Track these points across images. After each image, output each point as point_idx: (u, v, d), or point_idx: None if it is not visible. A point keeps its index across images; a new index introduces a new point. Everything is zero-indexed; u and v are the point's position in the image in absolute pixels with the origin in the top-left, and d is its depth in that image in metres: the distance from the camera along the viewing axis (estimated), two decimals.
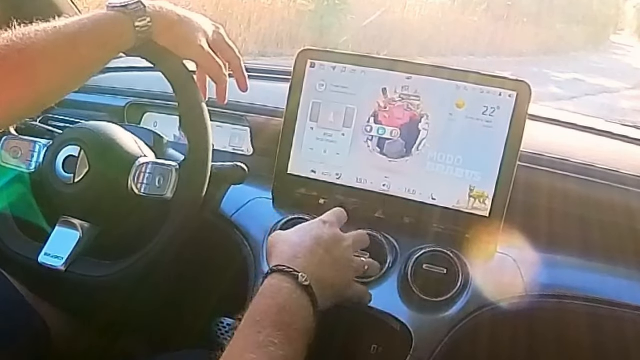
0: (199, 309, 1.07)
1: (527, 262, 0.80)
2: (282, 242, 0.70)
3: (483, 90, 0.81)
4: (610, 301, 0.78)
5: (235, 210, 0.90)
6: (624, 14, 20.65)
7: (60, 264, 0.84)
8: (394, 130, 0.84)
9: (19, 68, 0.68)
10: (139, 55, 0.79)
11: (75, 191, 0.84)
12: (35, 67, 0.69)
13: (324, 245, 0.69)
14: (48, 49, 0.69)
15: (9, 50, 0.67)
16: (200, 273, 1.04)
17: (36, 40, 0.68)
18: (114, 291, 0.90)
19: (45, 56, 0.68)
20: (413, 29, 9.53)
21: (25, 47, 0.68)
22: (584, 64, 11.84)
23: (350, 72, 0.86)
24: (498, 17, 12.23)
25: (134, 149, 0.87)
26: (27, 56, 0.68)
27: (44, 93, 0.73)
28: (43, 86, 0.71)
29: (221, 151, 1.00)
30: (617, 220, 0.84)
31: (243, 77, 0.85)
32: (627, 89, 9.31)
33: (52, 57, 0.70)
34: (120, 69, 1.18)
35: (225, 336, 1.06)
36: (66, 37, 0.71)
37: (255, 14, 7.47)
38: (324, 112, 0.87)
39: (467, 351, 0.80)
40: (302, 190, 0.88)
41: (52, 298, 0.96)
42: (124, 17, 0.73)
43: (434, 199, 0.83)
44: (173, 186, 0.81)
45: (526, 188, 0.84)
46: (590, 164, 0.87)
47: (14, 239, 0.90)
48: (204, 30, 0.80)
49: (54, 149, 0.87)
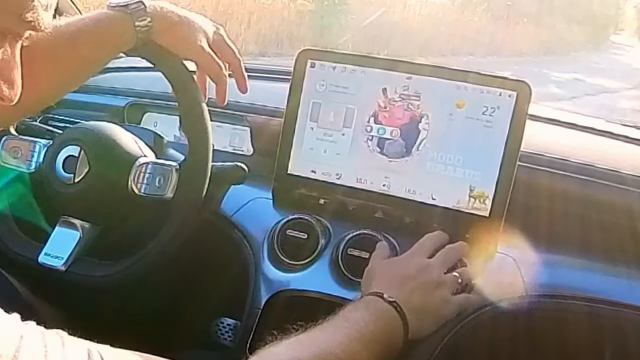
0: (199, 309, 1.06)
1: (527, 262, 0.80)
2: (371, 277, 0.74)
3: (483, 90, 0.81)
4: (610, 301, 0.78)
5: (235, 210, 0.90)
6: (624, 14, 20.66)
7: (60, 264, 0.84)
8: (394, 130, 0.84)
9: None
10: (139, 55, 0.79)
11: (75, 191, 0.84)
12: (35, 66, 0.69)
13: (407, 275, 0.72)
14: (48, 48, 0.69)
15: None
16: (200, 273, 1.03)
17: (36, 39, 0.68)
18: (114, 291, 0.90)
19: (45, 55, 0.68)
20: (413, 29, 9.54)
21: (26, 47, 0.68)
22: (584, 64, 11.85)
23: (350, 72, 0.86)
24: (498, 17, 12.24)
25: (134, 149, 0.87)
26: (27, 55, 0.68)
27: (43, 92, 0.73)
28: (43, 85, 0.71)
29: (221, 151, 1.00)
30: (617, 220, 0.84)
31: (243, 78, 0.85)
32: (627, 89, 9.32)
33: (53, 56, 0.70)
34: (120, 69, 1.18)
35: (225, 336, 1.06)
36: (66, 36, 0.71)
37: (255, 14, 7.48)
38: (324, 112, 0.87)
39: (467, 351, 0.80)
40: (302, 190, 0.88)
41: (52, 298, 0.96)
42: (125, 16, 0.73)
43: (434, 199, 0.84)
44: (173, 186, 0.81)
45: (526, 188, 0.84)
46: (590, 164, 0.87)
47: (14, 239, 0.90)
48: (204, 31, 0.80)
49: (54, 149, 0.87)
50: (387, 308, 0.67)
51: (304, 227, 0.84)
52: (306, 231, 0.84)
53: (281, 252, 0.83)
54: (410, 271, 0.73)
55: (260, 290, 0.82)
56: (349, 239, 0.82)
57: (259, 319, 0.80)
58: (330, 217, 0.86)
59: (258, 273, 0.83)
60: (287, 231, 0.84)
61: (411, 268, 0.73)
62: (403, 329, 0.67)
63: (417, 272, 0.72)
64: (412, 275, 0.72)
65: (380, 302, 0.68)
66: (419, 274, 0.72)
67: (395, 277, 0.72)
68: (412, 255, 0.76)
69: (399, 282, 0.71)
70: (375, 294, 0.69)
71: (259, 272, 0.83)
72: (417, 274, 0.72)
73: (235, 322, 1.03)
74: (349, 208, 0.87)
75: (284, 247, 0.84)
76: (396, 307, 0.67)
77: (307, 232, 0.84)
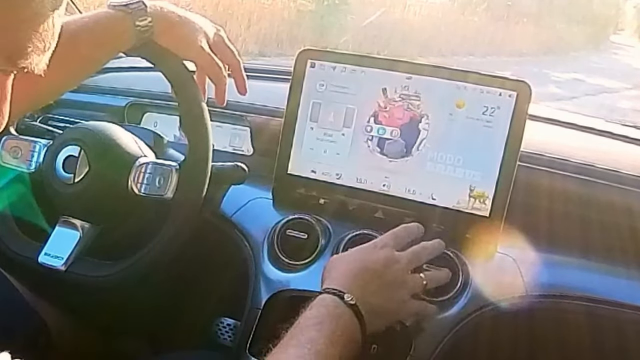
0: (199, 309, 1.07)
1: (527, 262, 0.80)
2: (334, 268, 0.72)
3: (483, 90, 0.81)
4: (610, 301, 0.78)
5: (235, 210, 0.90)
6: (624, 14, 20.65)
7: (60, 264, 0.84)
8: (394, 130, 0.84)
9: None
10: (139, 55, 0.79)
11: (75, 191, 0.84)
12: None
13: (372, 270, 0.70)
14: None
15: None
16: (201, 273, 1.04)
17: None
18: (114, 291, 0.90)
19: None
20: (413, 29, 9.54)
21: None
22: (584, 64, 11.85)
23: (350, 72, 0.86)
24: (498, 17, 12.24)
25: (134, 149, 0.87)
26: None
27: (42, 91, 0.73)
28: (42, 84, 0.70)
29: (221, 151, 1.00)
30: (617, 220, 0.84)
31: (242, 80, 0.85)
32: (627, 89, 9.32)
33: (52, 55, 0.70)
34: (120, 69, 1.18)
35: (225, 336, 1.06)
36: (66, 35, 0.70)
37: (255, 14, 7.48)
38: (324, 112, 0.87)
39: (467, 351, 0.80)
40: (302, 190, 0.88)
41: (52, 298, 0.96)
42: (125, 16, 0.73)
43: (434, 199, 0.84)
44: (173, 186, 0.81)
45: (526, 188, 0.84)
46: (590, 164, 0.87)
47: (14, 239, 0.90)
48: (204, 32, 0.80)
49: (54, 149, 0.87)
50: (348, 314, 0.65)
51: (304, 227, 0.84)
52: (306, 231, 0.84)
53: (281, 252, 0.83)
54: (376, 266, 0.70)
55: (260, 290, 0.82)
56: (349, 239, 0.82)
57: (259, 319, 0.80)
58: (330, 217, 0.86)
59: (258, 273, 0.83)
60: (287, 231, 0.84)
61: (378, 262, 0.70)
62: (361, 330, 0.65)
63: (383, 267, 0.70)
64: (377, 272, 0.70)
65: (340, 305, 0.65)
66: (385, 270, 0.70)
67: (360, 271, 0.69)
68: (383, 244, 0.73)
69: (363, 278, 0.69)
70: (335, 292, 0.66)
71: (259, 272, 0.83)
72: (383, 269, 0.70)
73: (235, 322, 1.04)
74: (349, 208, 0.87)
75: (284, 247, 0.84)
76: (356, 311, 0.65)
77: (307, 232, 0.84)
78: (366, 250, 0.73)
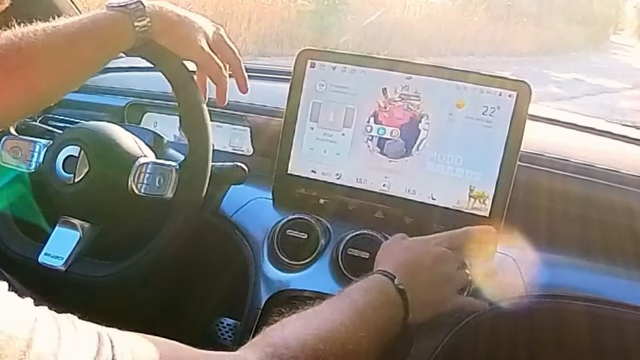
0: (199, 309, 1.06)
1: (527, 262, 0.80)
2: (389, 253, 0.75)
3: (483, 90, 0.81)
4: (610, 301, 0.78)
5: (235, 210, 0.90)
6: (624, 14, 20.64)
7: (60, 264, 0.84)
8: (394, 130, 0.84)
9: (18, 68, 0.68)
10: (139, 55, 0.79)
11: (75, 191, 0.84)
12: (34, 66, 0.69)
13: (422, 263, 0.72)
14: (47, 49, 0.69)
15: (8, 50, 0.67)
16: (201, 273, 1.03)
17: (35, 40, 0.68)
18: (114, 291, 0.90)
19: (44, 56, 0.69)
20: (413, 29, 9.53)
21: (25, 47, 0.68)
22: (584, 64, 11.84)
23: (350, 72, 0.86)
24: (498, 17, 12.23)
25: (134, 149, 0.87)
26: (26, 56, 0.68)
27: (43, 92, 0.73)
28: (42, 86, 0.71)
29: (221, 151, 1.00)
30: (617, 220, 0.84)
31: (243, 78, 0.84)
32: (627, 89, 9.31)
33: (52, 57, 0.70)
34: (120, 69, 1.18)
35: (225, 336, 1.06)
36: (65, 37, 0.71)
37: (255, 14, 7.48)
38: (324, 112, 0.87)
39: (467, 351, 0.80)
40: (302, 190, 0.88)
41: (52, 298, 0.96)
42: (124, 17, 0.73)
43: (434, 199, 0.83)
44: (173, 186, 0.81)
45: (526, 188, 0.84)
46: (590, 164, 0.87)
47: (14, 239, 0.90)
48: (204, 31, 0.80)
49: (54, 149, 0.87)
50: (394, 295, 0.67)
51: (304, 227, 0.84)
52: (306, 231, 0.84)
53: (281, 252, 0.83)
54: (427, 261, 0.72)
55: (260, 290, 0.82)
56: (349, 239, 0.82)
57: (259, 319, 0.80)
58: (330, 217, 0.86)
59: (258, 273, 0.83)
60: (287, 231, 0.84)
61: (429, 257, 0.72)
62: (403, 317, 0.67)
63: (433, 263, 0.72)
64: (427, 266, 0.72)
65: (390, 286, 0.67)
66: (435, 265, 0.72)
67: (412, 262, 0.72)
68: (438, 242, 0.75)
69: (413, 268, 0.71)
70: (387, 274, 0.69)
71: (259, 272, 0.83)
72: (433, 264, 0.72)
73: (235, 322, 1.03)
74: (349, 208, 0.87)
75: (284, 247, 0.84)
76: (403, 297, 0.67)
77: (307, 232, 0.84)
78: (422, 243, 0.75)
